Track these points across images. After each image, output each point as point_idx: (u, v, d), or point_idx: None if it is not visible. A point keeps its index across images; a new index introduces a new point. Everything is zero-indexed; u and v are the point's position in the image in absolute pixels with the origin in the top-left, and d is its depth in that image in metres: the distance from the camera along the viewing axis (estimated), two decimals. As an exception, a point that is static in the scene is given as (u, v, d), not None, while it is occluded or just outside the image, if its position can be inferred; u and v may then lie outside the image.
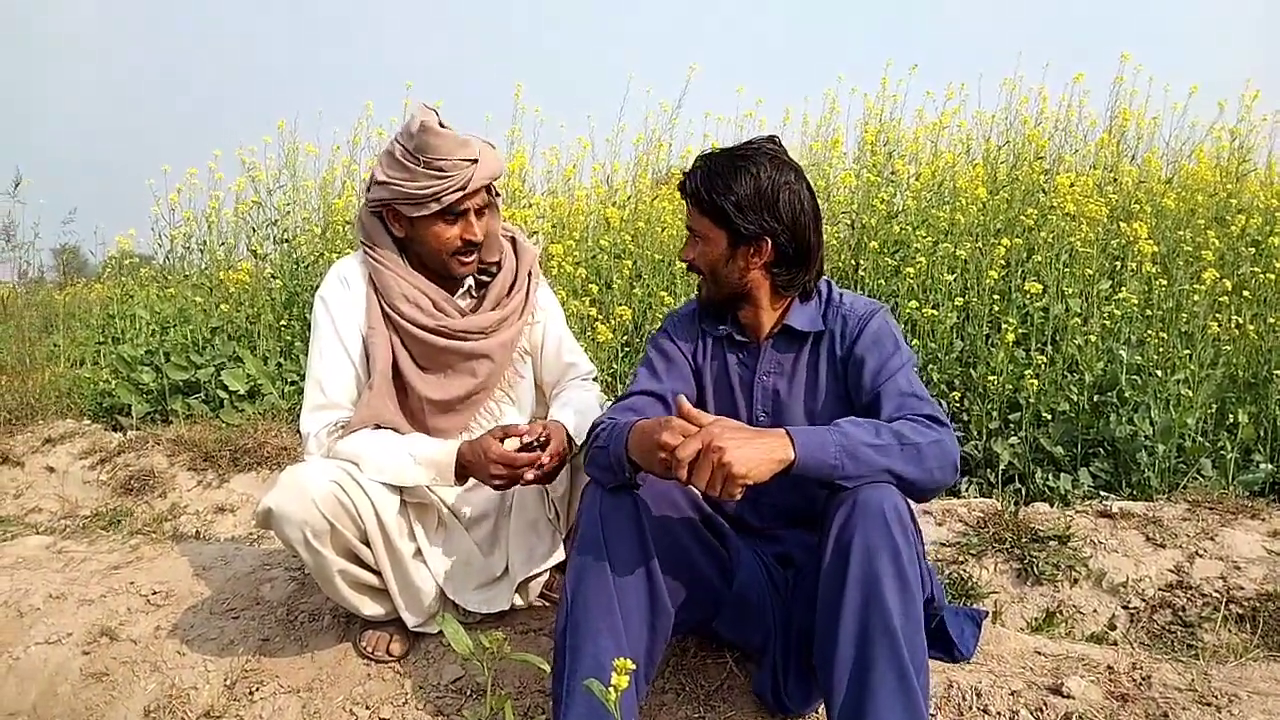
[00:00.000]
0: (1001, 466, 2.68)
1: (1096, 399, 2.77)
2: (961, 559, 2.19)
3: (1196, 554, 2.13)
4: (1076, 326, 2.89)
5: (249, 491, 2.94)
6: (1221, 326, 2.85)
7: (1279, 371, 2.71)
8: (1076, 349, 2.86)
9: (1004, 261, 3.28)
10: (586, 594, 1.35)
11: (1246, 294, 3.12)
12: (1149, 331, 2.91)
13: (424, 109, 1.68)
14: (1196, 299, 2.94)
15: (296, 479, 1.58)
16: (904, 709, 1.21)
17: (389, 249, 1.76)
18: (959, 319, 3.16)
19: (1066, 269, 3.20)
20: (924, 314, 3.02)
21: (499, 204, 1.81)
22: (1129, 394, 2.69)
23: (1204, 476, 2.55)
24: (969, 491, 2.68)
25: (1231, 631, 1.95)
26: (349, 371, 1.74)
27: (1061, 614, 2.05)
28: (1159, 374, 2.71)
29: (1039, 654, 1.70)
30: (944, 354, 3.03)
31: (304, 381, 1.78)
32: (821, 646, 1.29)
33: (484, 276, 1.85)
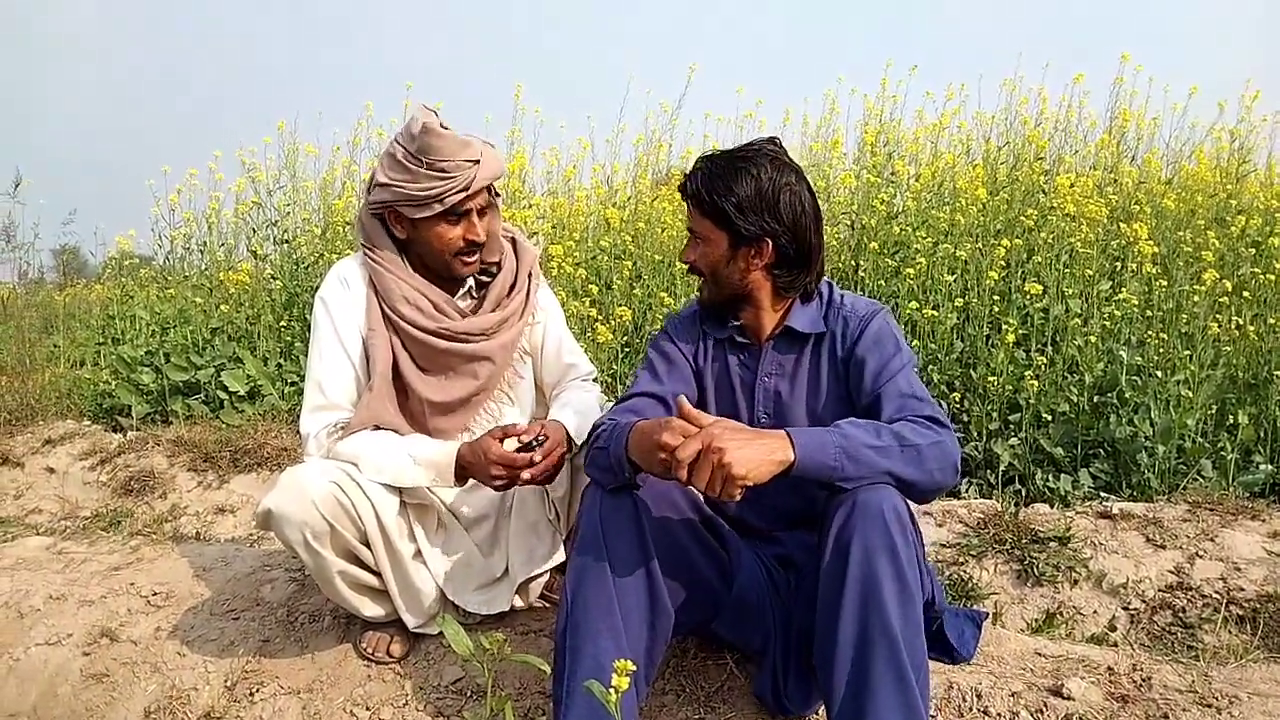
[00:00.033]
0: (1002, 467, 2.68)
1: (1096, 400, 2.77)
2: (962, 560, 2.19)
3: (1197, 555, 2.13)
4: (1076, 327, 2.89)
5: (249, 492, 2.94)
6: (1221, 327, 2.84)
7: (1279, 372, 2.71)
8: (1076, 350, 2.86)
9: (1004, 262, 3.28)
10: (586, 595, 1.35)
11: (1246, 295, 3.12)
12: (1149, 332, 2.91)
13: (424, 110, 1.68)
14: (1196, 300, 2.94)
15: (296, 480, 1.58)
16: (902, 710, 1.21)
17: (389, 250, 1.76)
18: (959, 320, 3.16)
19: (1066, 270, 3.20)
20: (924, 315, 3.02)
21: (499, 204, 1.81)
22: (1129, 395, 2.69)
23: (1204, 477, 2.55)
24: (969, 492, 2.68)
25: (1232, 633, 1.95)
26: (349, 373, 1.74)
27: (1062, 615, 2.05)
28: (1159, 375, 2.71)
29: (1039, 655, 1.71)
30: (944, 355, 3.03)
31: (304, 382, 1.77)
32: (820, 647, 1.29)
33: (484, 277, 1.85)
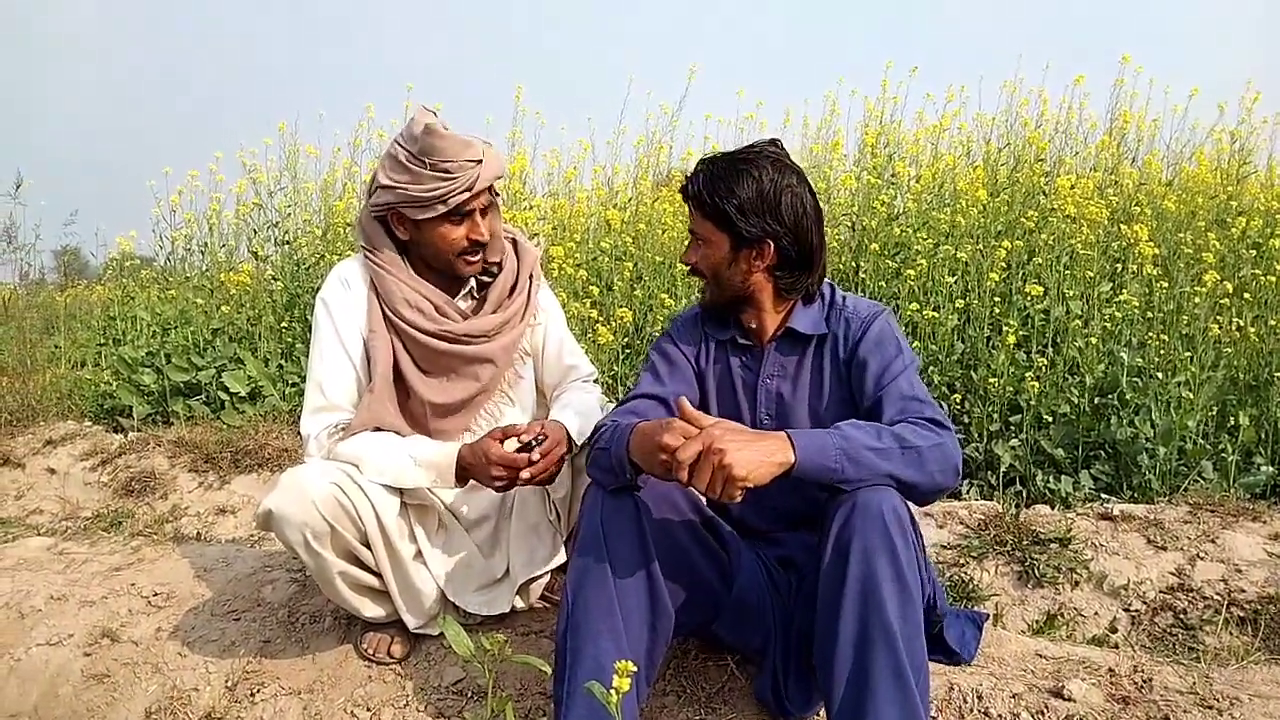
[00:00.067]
0: (1002, 469, 2.68)
1: (1097, 401, 2.77)
2: (962, 561, 2.19)
3: (1197, 556, 2.13)
4: (1077, 329, 2.89)
5: (250, 493, 2.94)
6: (1222, 329, 2.84)
7: (1279, 374, 2.71)
8: (1077, 351, 2.86)
9: (1005, 264, 3.28)
10: (587, 596, 1.35)
11: (1247, 296, 3.12)
12: (1150, 334, 2.91)
13: (424, 111, 1.68)
14: (1197, 301, 2.94)
15: (297, 481, 1.58)
16: (902, 710, 1.21)
17: (391, 252, 1.76)
18: (960, 321, 3.16)
19: (1067, 271, 3.20)
20: (925, 316, 3.02)
21: (500, 204, 1.82)
22: (1130, 396, 2.69)
23: (1205, 479, 2.54)
24: (970, 494, 2.68)
25: (1233, 634, 1.95)
26: (349, 374, 1.74)
27: (1062, 616, 2.05)
28: (1160, 376, 2.71)
29: (1040, 656, 1.70)
30: (945, 356, 3.04)
31: (305, 383, 1.78)
32: (820, 648, 1.29)
33: (485, 278, 1.85)
